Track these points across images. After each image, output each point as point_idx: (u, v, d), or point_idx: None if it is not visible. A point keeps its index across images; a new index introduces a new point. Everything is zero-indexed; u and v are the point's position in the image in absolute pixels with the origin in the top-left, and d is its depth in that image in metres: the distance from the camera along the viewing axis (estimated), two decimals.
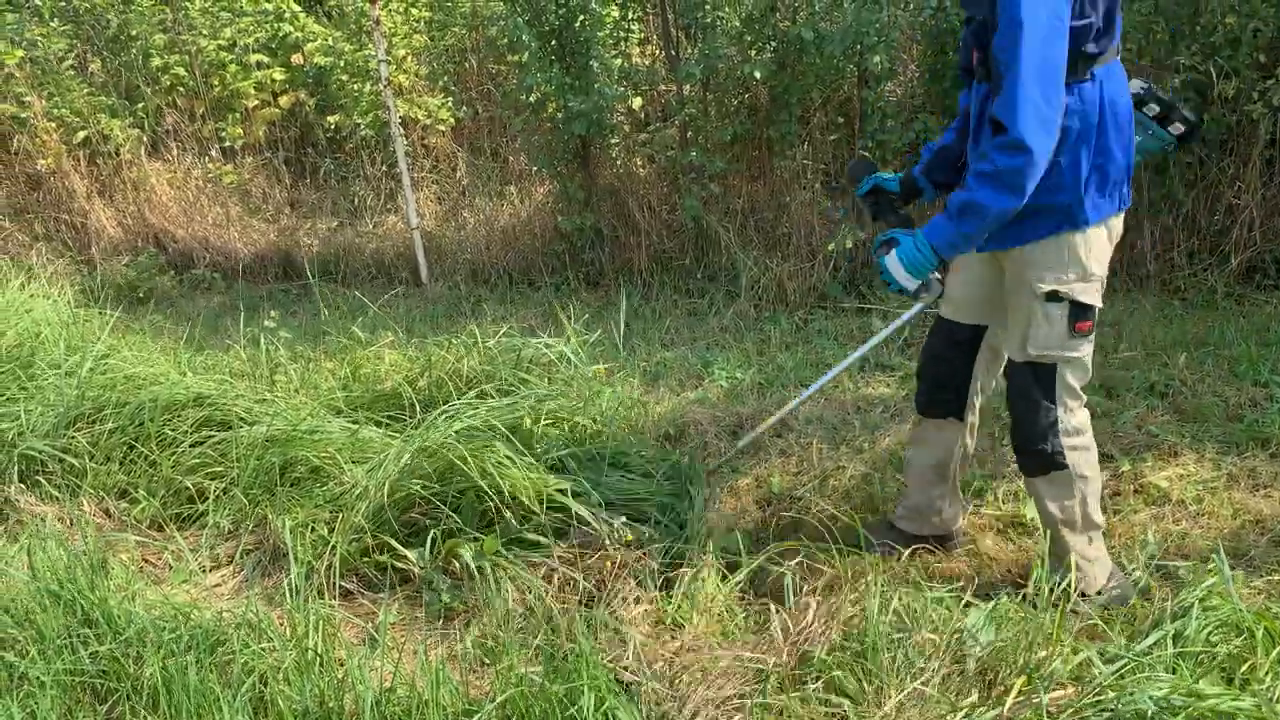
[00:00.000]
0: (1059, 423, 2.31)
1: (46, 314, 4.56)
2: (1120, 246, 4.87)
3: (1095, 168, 2.15)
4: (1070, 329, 2.24)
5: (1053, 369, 2.29)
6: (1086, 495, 2.38)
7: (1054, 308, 2.23)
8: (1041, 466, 2.36)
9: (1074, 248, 2.20)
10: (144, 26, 7.45)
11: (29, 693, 2.23)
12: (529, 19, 5.45)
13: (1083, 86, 2.11)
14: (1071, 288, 2.22)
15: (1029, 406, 2.33)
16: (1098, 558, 2.45)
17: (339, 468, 3.06)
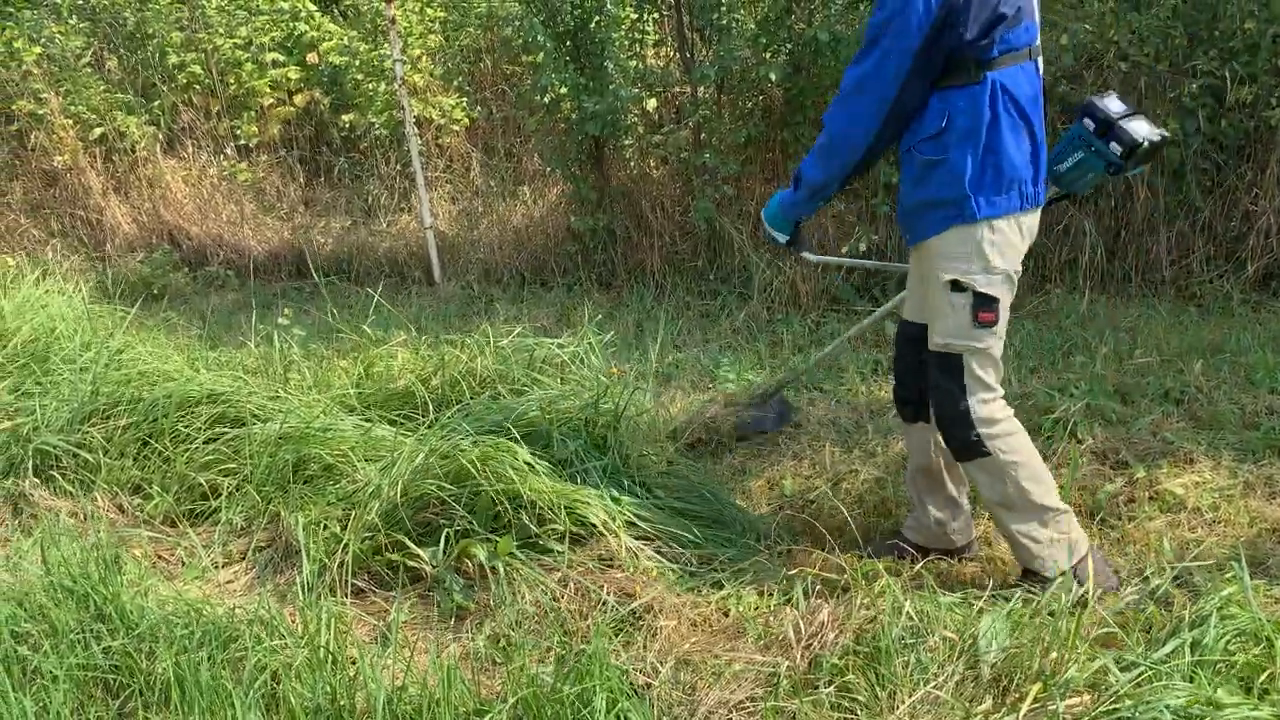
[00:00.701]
0: (970, 411, 2.37)
1: (62, 310, 4.58)
2: (1136, 252, 4.92)
3: (988, 165, 2.25)
4: (973, 319, 2.32)
5: (959, 359, 2.37)
6: (1020, 480, 2.40)
7: (957, 297, 2.32)
8: (965, 453, 2.43)
9: (975, 240, 2.29)
10: (161, 25, 7.49)
11: (42, 687, 2.24)
12: (544, 19, 5.45)
13: (973, 89, 2.23)
14: (974, 279, 2.30)
15: (941, 396, 2.42)
16: (1054, 540, 2.45)
17: (352, 466, 3.06)
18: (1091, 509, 2.96)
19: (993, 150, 2.25)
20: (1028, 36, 2.27)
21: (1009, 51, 2.22)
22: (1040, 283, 5.07)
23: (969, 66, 2.21)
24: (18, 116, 7.36)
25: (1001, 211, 2.28)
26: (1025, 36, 2.26)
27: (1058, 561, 2.44)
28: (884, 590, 2.20)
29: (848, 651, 2.07)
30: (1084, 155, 2.51)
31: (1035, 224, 2.40)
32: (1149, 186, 4.88)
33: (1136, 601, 2.28)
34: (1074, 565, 2.44)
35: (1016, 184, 2.29)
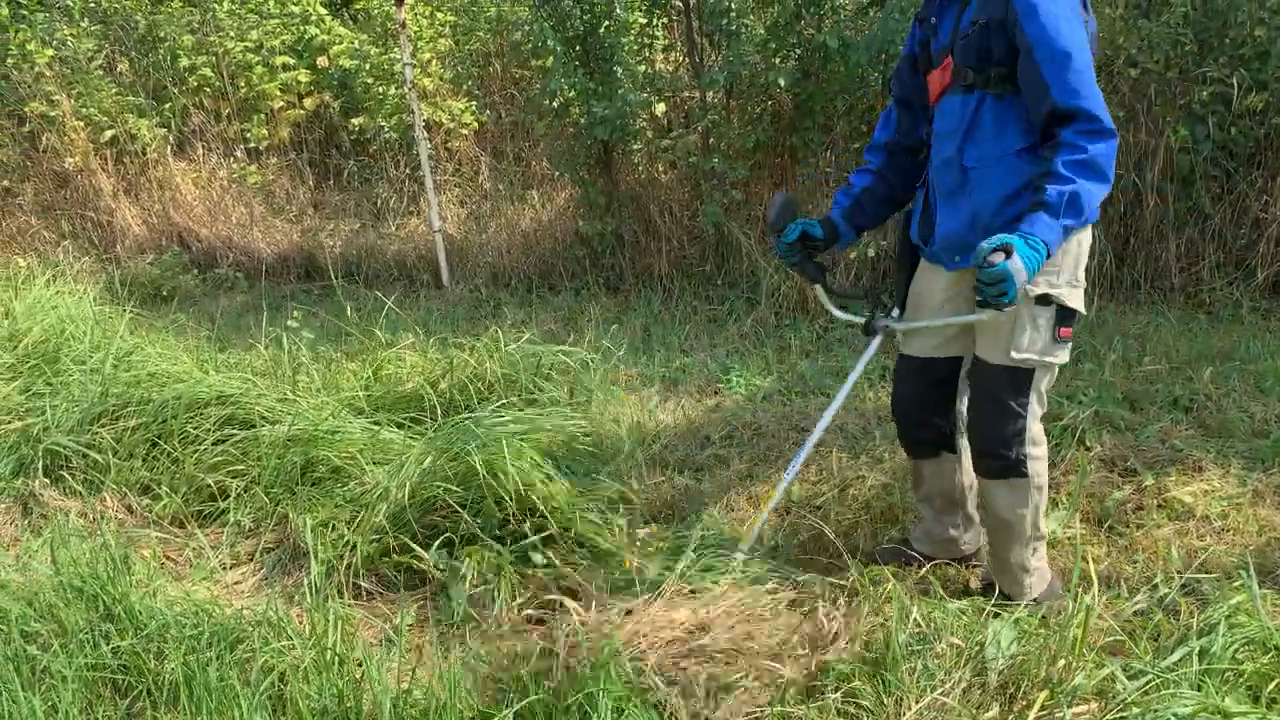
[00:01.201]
0: (1026, 430, 2.30)
1: (72, 311, 4.60)
2: (1145, 259, 4.91)
3: None
4: (1054, 334, 2.24)
5: (1030, 374, 2.28)
6: (1039, 504, 2.38)
7: (1041, 311, 2.22)
8: (1003, 471, 2.35)
9: (1065, 251, 2.20)
10: (172, 28, 7.53)
11: (51, 686, 2.24)
12: (554, 24, 5.46)
13: None
14: (1061, 291, 2.22)
15: (999, 410, 2.31)
16: (1038, 568, 2.47)
17: (360, 468, 3.07)
18: (1100, 516, 2.95)
19: None
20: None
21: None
22: None
23: None
24: (30, 118, 7.40)
25: (1094, 219, 2.20)
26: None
27: (1032, 588, 2.45)
28: (891, 596, 2.19)
29: (855, 657, 2.07)
30: None
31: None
32: (1158, 193, 4.87)
33: (1145, 609, 2.27)
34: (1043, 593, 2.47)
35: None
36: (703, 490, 3.27)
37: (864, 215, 2.60)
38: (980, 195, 2.26)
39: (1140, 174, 4.91)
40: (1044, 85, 2.09)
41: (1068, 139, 2.07)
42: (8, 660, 2.27)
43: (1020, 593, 2.44)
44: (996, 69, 2.20)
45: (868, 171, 2.60)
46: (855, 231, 2.62)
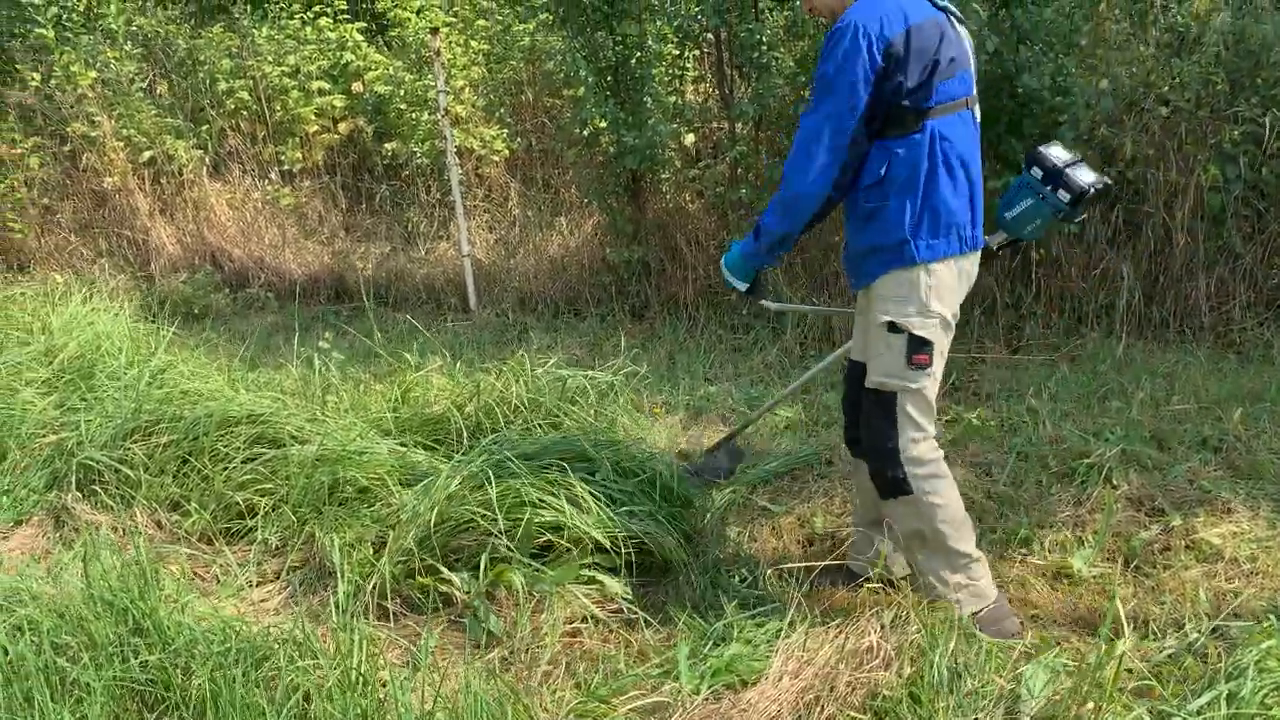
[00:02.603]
0: (899, 450, 2.43)
1: (107, 327, 4.68)
2: (1175, 297, 4.88)
3: (926, 210, 2.32)
4: (908, 360, 2.38)
5: (893, 398, 2.42)
6: (937, 523, 2.45)
7: (893, 338, 2.39)
8: (889, 490, 2.48)
9: (913, 284, 2.36)
10: (212, 52, 7.68)
11: (79, 698, 2.27)
12: (587, 55, 5.54)
13: (912, 137, 2.30)
14: (909, 321, 2.37)
15: (873, 432, 2.48)
16: (962, 585, 2.50)
17: (387, 489, 3.10)
18: (1126, 556, 2.93)
19: (930, 196, 2.32)
20: (963, 87, 2.36)
21: (946, 100, 2.31)
22: (1076, 326, 5.04)
23: (907, 116, 2.29)
24: (71, 138, 7.56)
25: (940, 255, 2.35)
26: (961, 87, 2.35)
27: (960, 604, 2.47)
28: (931, 629, 2.18)
29: (891, 685, 2.06)
30: (1033, 202, 2.58)
31: (974, 268, 2.49)
32: (1188, 232, 4.86)
33: (1174, 653, 2.25)
34: (977, 612, 2.48)
35: (954, 228, 2.36)
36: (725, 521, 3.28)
37: None
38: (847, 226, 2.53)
39: (1170, 212, 4.90)
40: None
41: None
42: (38, 671, 2.30)
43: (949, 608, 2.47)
44: None
45: None
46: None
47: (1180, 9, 5.11)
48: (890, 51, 2.23)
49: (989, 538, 3.06)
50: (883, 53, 2.23)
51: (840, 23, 2.27)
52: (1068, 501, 3.26)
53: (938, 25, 2.30)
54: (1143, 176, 4.91)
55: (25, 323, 4.84)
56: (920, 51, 2.25)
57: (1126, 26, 5.27)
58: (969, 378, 4.60)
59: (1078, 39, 4.77)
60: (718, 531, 3.17)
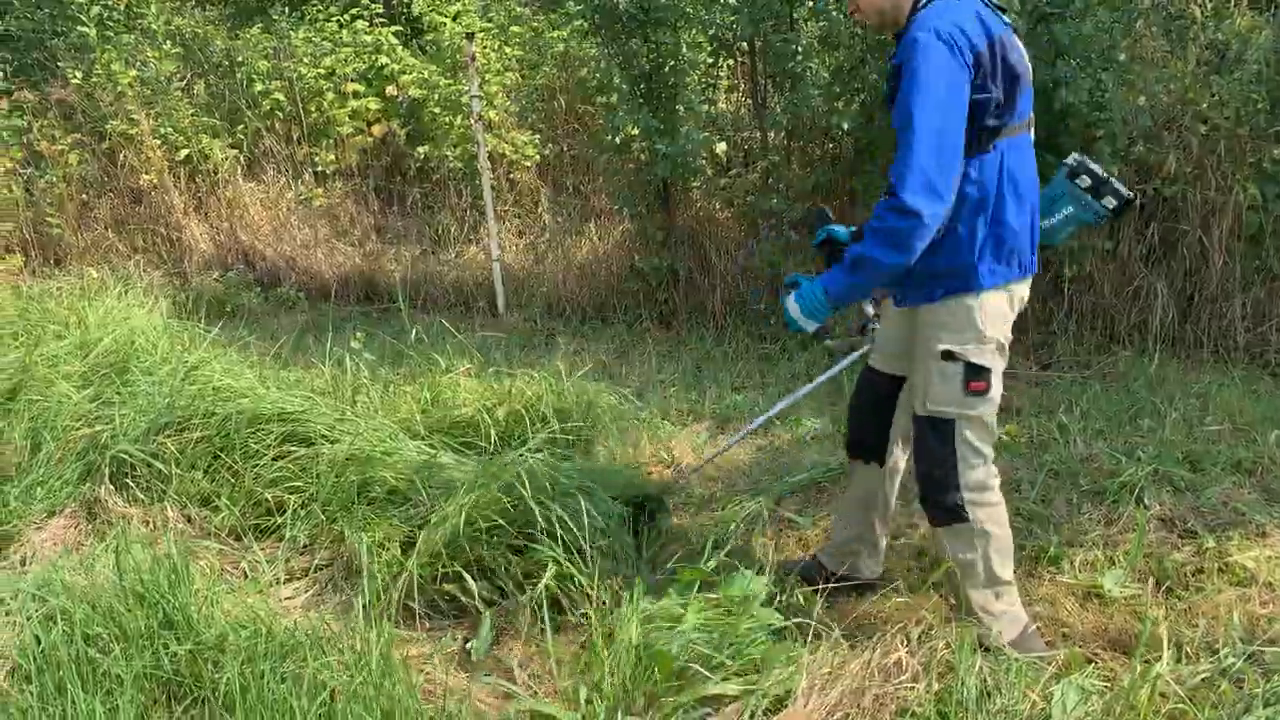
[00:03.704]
0: (959, 477, 2.37)
1: (141, 324, 4.73)
2: (1210, 316, 4.83)
3: (991, 235, 2.25)
4: (964, 388, 2.31)
5: (950, 424, 2.36)
6: (989, 551, 2.42)
7: (949, 366, 2.32)
8: (943, 518, 2.42)
9: (970, 311, 2.29)
10: (249, 53, 7.77)
11: (109, 690, 2.29)
12: (620, 62, 5.55)
13: (984, 157, 2.21)
14: (966, 349, 2.30)
15: (929, 458, 2.40)
16: (1004, 613, 2.47)
17: (416, 490, 3.11)
18: (1158, 577, 2.89)
19: (998, 220, 2.25)
20: (1027, 105, 2.29)
21: (1017, 120, 2.24)
22: (1108, 343, 4.99)
23: (983, 134, 2.19)
24: (109, 135, 7.66)
25: (1002, 281, 2.29)
26: (1027, 105, 2.28)
27: (1002, 633, 2.44)
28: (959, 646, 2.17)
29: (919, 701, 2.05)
30: (1074, 210, 2.54)
31: (1026, 291, 2.41)
32: (1226, 251, 4.80)
33: (1208, 677, 2.22)
34: (1015, 639, 2.45)
35: (1016, 253, 2.30)
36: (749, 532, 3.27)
37: None
38: None
39: (1207, 231, 4.84)
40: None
41: (878, 209, 2.19)
42: (70, 661, 2.33)
43: (989, 638, 2.46)
44: None
45: None
46: None
47: (1221, 26, 5.07)
48: (980, 63, 2.13)
49: (1017, 555, 3.02)
50: (973, 62, 2.12)
51: (919, 30, 2.13)
52: (1098, 520, 3.22)
53: (1012, 39, 2.22)
54: (1180, 194, 4.86)
55: (62, 317, 4.89)
56: (1006, 64, 2.17)
57: (1165, 43, 5.22)
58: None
59: (1116, 54, 4.73)
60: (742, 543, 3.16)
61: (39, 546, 3.16)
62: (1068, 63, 4.69)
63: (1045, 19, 4.77)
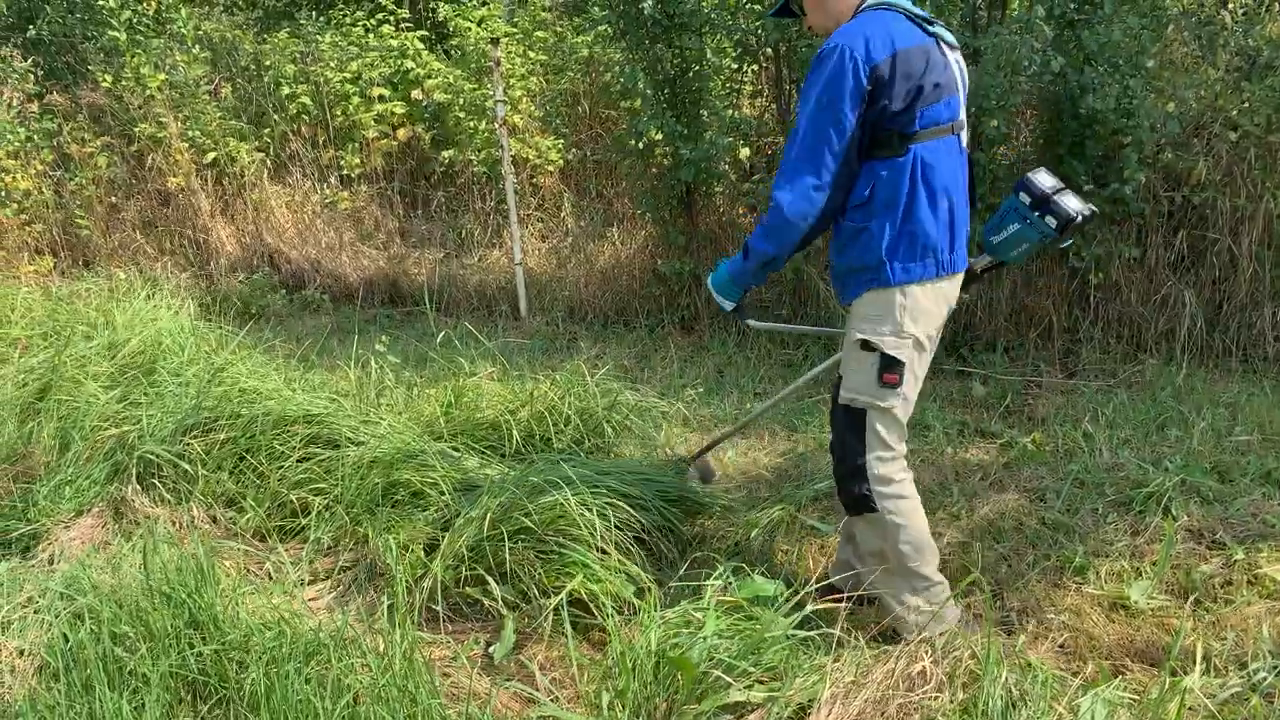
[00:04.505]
0: (867, 467, 2.47)
1: (169, 325, 4.78)
2: (1239, 326, 4.78)
3: (904, 233, 2.35)
4: (879, 378, 2.41)
5: (863, 415, 2.46)
6: (898, 542, 2.49)
7: (866, 356, 2.43)
8: (854, 506, 2.53)
9: (889, 305, 2.40)
10: (276, 57, 7.83)
11: (135, 688, 2.32)
12: (645, 67, 5.56)
13: (895, 160, 2.32)
14: (883, 340, 2.40)
15: (842, 447, 2.53)
16: (919, 607, 2.52)
17: (441, 493, 3.12)
18: (1185, 589, 2.86)
19: (910, 220, 2.35)
20: (949, 111, 2.37)
21: (931, 125, 2.33)
22: (1134, 352, 4.95)
23: (893, 139, 2.31)
24: (138, 138, 7.75)
25: (915, 277, 2.38)
26: (947, 112, 2.36)
27: (918, 627, 2.48)
28: (985, 656, 2.15)
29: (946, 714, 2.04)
30: (1020, 227, 2.56)
31: (955, 291, 2.49)
32: (1255, 260, 4.75)
33: (1238, 691, 2.19)
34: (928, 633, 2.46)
35: (931, 252, 2.38)
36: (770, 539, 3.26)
37: None
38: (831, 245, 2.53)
39: (1236, 239, 4.80)
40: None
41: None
42: (97, 659, 2.35)
43: (904, 628, 2.52)
44: None
45: None
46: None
47: (1252, 32, 5.01)
48: (875, 75, 2.26)
49: (1042, 564, 3.01)
50: (869, 75, 2.25)
51: (828, 44, 2.31)
52: (1124, 531, 3.19)
53: (924, 51, 2.32)
54: (1209, 202, 4.81)
55: (91, 318, 4.95)
56: (905, 76, 2.27)
57: (1195, 49, 5.18)
58: (1024, 401, 4.54)
59: (1145, 61, 4.69)
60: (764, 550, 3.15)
61: (67, 545, 3.19)
62: (1095, 69, 4.66)
63: (1072, 24, 4.74)
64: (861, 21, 2.34)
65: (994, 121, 4.83)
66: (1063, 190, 2.52)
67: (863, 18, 2.36)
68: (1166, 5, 4.96)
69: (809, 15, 2.54)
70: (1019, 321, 5.13)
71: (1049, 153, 5.03)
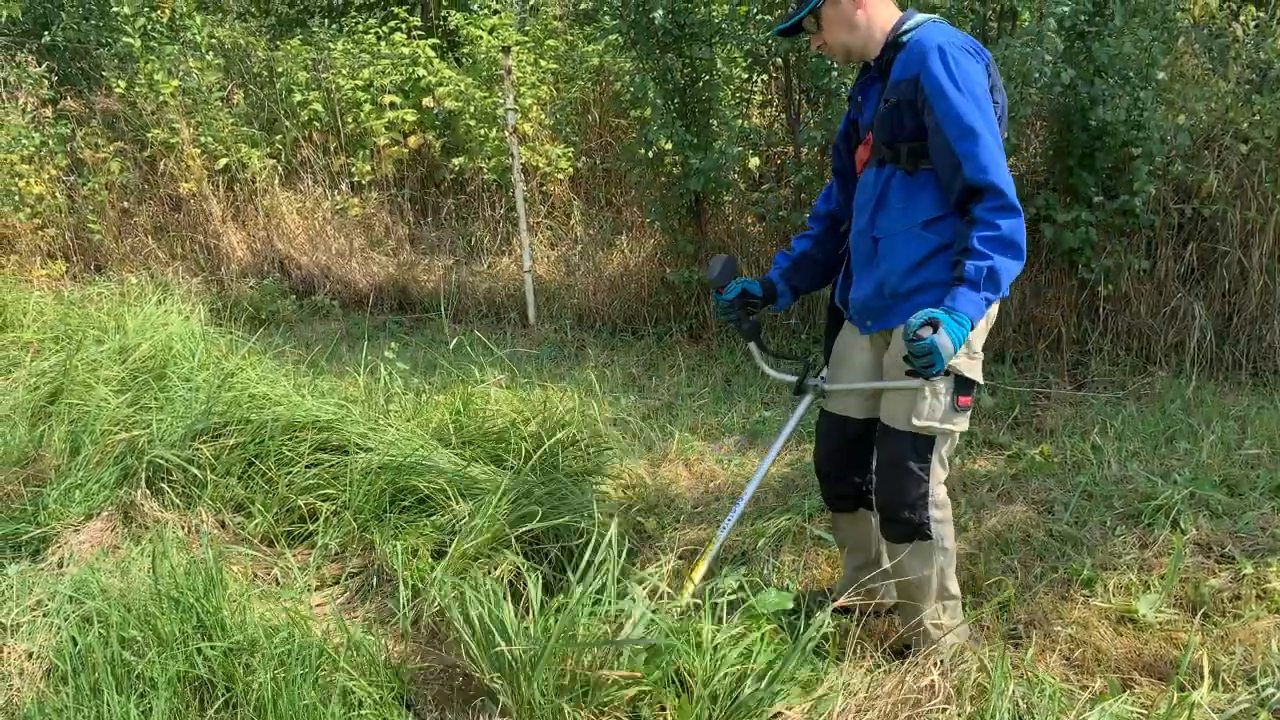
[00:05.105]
0: (929, 494, 2.36)
1: (179, 330, 4.80)
2: (1249, 339, 4.76)
3: None
4: (954, 403, 2.31)
5: (931, 441, 2.35)
6: (944, 566, 2.44)
7: (940, 382, 2.28)
8: (907, 535, 2.41)
9: None
10: (289, 64, 7.88)
11: (143, 692, 2.32)
12: (655, 76, 5.58)
13: None
14: (958, 362, 2.27)
15: (902, 475, 2.37)
16: (953, 627, 2.48)
17: (448, 500, 3.13)
18: (1194, 603, 2.85)
19: None
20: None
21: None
22: (1144, 364, 4.94)
23: None
24: (151, 144, 7.80)
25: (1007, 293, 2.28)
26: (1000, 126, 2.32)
27: (951, 645, 2.44)
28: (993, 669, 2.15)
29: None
30: None
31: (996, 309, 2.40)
32: (1266, 272, 4.74)
33: (1247, 707, 2.18)
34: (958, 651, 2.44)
35: None
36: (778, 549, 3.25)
37: (801, 278, 2.71)
38: (888, 264, 2.34)
39: (1246, 251, 4.79)
40: (956, 161, 2.17)
41: (980, 215, 2.15)
42: (106, 663, 2.36)
43: (927, 642, 2.47)
44: (908, 145, 2.28)
45: (807, 237, 2.71)
46: (792, 293, 2.72)
47: (1263, 45, 5.01)
48: (990, 73, 2.24)
49: (1050, 577, 3.00)
50: (986, 72, 2.23)
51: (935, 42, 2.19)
52: (1133, 544, 3.18)
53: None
54: (1220, 214, 4.81)
55: (102, 322, 4.98)
56: (997, 81, 2.28)
57: (1206, 62, 5.18)
58: (1032, 413, 4.53)
59: (1155, 73, 4.69)
60: (771, 560, 3.15)
61: (76, 549, 3.20)
62: (1105, 80, 4.66)
63: (1083, 36, 4.74)
64: (942, 28, 2.26)
65: (1004, 133, 4.82)
66: None
67: (940, 25, 2.28)
68: (1177, 18, 4.96)
69: (828, 33, 2.38)
70: (1028, 333, 5.12)
71: (1059, 164, 5.03)
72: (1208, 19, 5.44)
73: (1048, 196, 4.91)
